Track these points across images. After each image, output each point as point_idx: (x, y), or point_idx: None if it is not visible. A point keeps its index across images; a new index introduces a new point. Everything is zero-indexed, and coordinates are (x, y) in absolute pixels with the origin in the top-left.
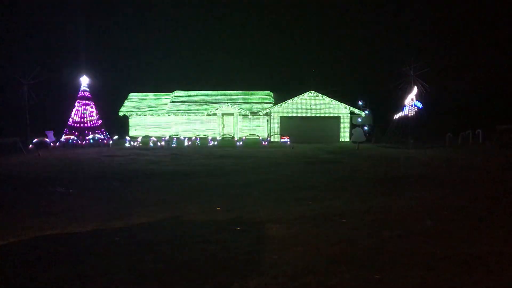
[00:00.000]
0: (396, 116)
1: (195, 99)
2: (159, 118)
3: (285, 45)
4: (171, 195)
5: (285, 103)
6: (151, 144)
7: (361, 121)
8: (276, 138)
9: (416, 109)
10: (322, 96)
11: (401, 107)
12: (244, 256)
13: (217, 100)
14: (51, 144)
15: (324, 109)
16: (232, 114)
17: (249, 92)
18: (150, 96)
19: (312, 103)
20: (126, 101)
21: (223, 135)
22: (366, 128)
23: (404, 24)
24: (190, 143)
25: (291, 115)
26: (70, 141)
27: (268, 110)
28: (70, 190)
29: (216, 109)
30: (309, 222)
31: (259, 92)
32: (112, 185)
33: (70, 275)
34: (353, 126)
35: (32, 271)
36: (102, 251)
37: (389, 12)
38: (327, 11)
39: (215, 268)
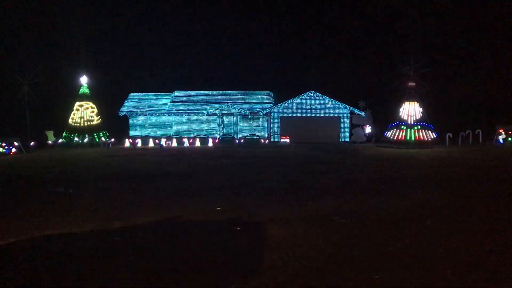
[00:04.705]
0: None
1: (195, 99)
2: (159, 118)
3: (285, 45)
4: (171, 195)
5: (285, 103)
6: (151, 144)
7: (361, 121)
8: (276, 138)
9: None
10: (322, 96)
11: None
12: (244, 256)
13: (217, 100)
14: (51, 144)
15: (324, 109)
16: (232, 114)
17: (249, 92)
18: (150, 96)
19: (312, 103)
20: (126, 101)
21: (223, 135)
22: (368, 127)
23: (404, 24)
24: (190, 143)
25: (291, 115)
26: (70, 141)
27: (268, 110)
28: (70, 190)
29: (216, 109)
30: (309, 222)
31: (259, 92)
32: (112, 185)
33: (70, 275)
34: (353, 126)
35: (32, 271)
36: (102, 251)
37: (390, 12)
38: (327, 11)
39: (215, 268)
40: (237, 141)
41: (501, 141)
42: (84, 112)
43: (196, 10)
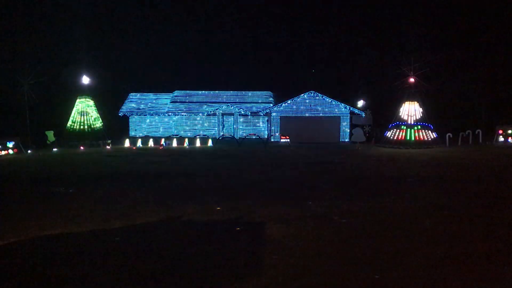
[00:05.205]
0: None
1: (195, 99)
2: (159, 118)
3: (285, 45)
4: (171, 195)
5: (285, 103)
6: (151, 144)
7: (361, 121)
8: (276, 138)
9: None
10: (322, 96)
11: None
12: (244, 256)
13: (217, 100)
14: (51, 144)
15: (324, 109)
16: (232, 114)
17: (249, 92)
18: (150, 96)
19: (312, 103)
20: (126, 101)
21: (223, 135)
22: (367, 127)
23: (404, 24)
24: (190, 143)
25: (291, 115)
26: (70, 141)
27: (268, 110)
28: (70, 190)
29: (216, 109)
30: (309, 222)
31: (259, 92)
32: (111, 185)
33: (70, 275)
34: (353, 126)
35: (32, 271)
36: (102, 251)
37: (390, 12)
38: (327, 11)
39: (215, 268)
40: (237, 141)
41: (501, 139)
42: (84, 108)
43: (196, 10)
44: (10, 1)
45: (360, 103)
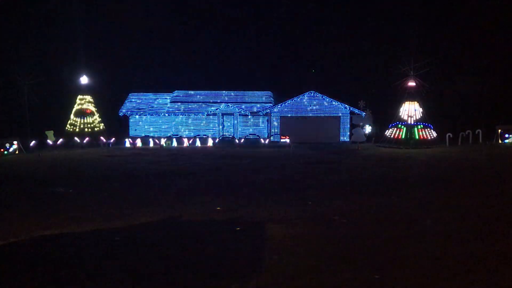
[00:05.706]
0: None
1: (195, 99)
2: (159, 118)
3: (285, 45)
4: (171, 195)
5: (285, 103)
6: (151, 144)
7: (361, 122)
8: (276, 138)
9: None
10: (322, 96)
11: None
12: (244, 256)
13: (217, 100)
14: (51, 144)
15: (324, 109)
16: (232, 114)
17: (249, 92)
18: (150, 96)
19: (312, 103)
20: (126, 101)
21: (223, 135)
22: (368, 126)
23: (404, 24)
24: (190, 143)
25: (291, 115)
26: (70, 141)
27: (268, 110)
28: (70, 190)
29: (216, 109)
30: (309, 222)
31: (259, 92)
32: (112, 185)
33: (70, 275)
34: (353, 126)
35: (32, 271)
36: (102, 251)
37: (390, 12)
38: (327, 11)
39: (215, 268)
40: (237, 141)
41: (506, 141)
42: (84, 108)
43: (196, 10)
44: (10, 1)
45: (360, 103)
